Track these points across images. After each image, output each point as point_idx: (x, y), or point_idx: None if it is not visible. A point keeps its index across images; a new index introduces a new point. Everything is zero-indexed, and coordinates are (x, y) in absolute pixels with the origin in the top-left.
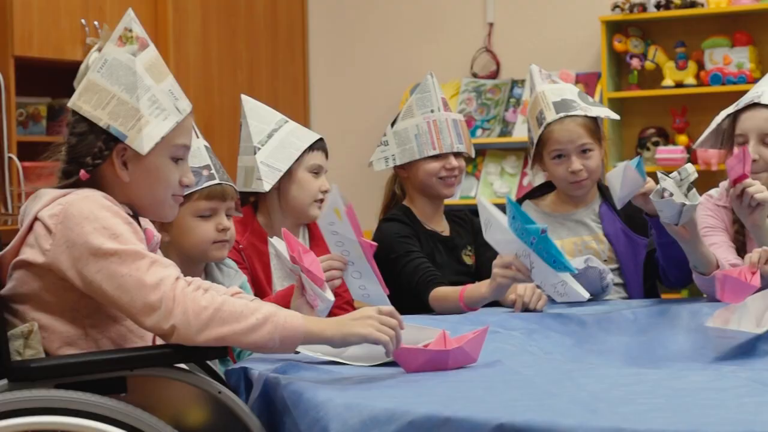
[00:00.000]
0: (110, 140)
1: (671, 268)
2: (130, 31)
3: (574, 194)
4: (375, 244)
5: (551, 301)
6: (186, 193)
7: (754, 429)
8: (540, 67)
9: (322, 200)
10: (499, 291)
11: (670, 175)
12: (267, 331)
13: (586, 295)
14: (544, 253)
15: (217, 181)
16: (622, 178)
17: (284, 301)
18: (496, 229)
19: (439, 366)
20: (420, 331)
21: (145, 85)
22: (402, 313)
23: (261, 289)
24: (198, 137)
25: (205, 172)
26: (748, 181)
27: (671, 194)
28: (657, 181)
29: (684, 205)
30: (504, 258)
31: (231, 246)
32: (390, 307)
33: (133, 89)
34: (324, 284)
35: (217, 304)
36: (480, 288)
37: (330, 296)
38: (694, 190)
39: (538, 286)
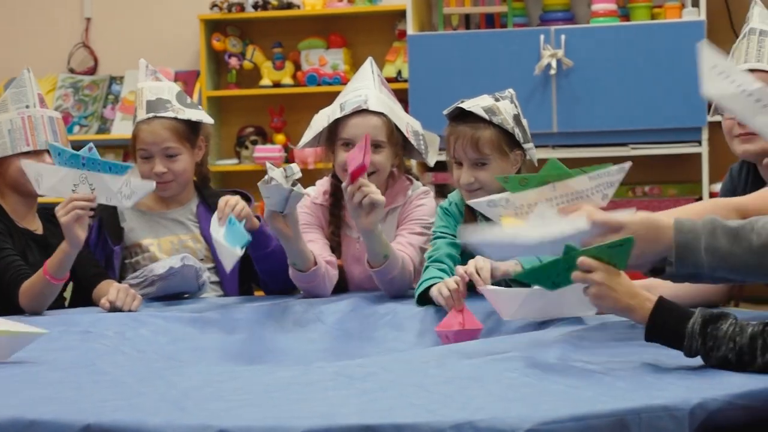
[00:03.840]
0: None
1: (270, 279)
2: None
3: (160, 195)
4: None
5: (146, 300)
6: None
7: (337, 421)
8: (148, 63)
9: None
10: (70, 231)
11: (277, 168)
12: None
13: (152, 186)
14: (98, 166)
15: None
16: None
17: None
18: (51, 180)
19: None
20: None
21: None
22: None
23: None
24: None
25: None
26: (364, 181)
27: (278, 183)
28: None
29: (291, 191)
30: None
31: None
32: None
33: None
34: None
35: None
36: (58, 251)
37: None
38: (299, 185)
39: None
